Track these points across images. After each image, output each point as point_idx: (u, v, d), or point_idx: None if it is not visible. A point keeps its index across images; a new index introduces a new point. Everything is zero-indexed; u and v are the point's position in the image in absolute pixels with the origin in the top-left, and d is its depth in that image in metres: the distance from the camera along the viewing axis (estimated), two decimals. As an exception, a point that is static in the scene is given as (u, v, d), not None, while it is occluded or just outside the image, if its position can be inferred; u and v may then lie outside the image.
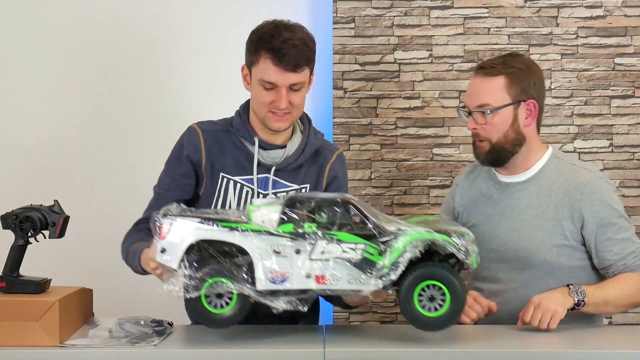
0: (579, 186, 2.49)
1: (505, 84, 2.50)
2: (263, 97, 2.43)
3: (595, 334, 2.34)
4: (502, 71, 2.50)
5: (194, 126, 2.55)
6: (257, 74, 2.43)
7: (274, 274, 2.00)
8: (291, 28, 2.44)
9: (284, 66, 2.38)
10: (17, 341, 2.05)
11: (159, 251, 2.02)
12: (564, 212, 2.49)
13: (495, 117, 2.49)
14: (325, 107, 3.26)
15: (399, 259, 1.98)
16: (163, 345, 2.09)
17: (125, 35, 3.27)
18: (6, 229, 2.20)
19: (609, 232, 2.47)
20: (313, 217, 2.02)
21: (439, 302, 2.01)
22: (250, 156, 2.50)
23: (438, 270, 2.02)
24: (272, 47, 2.39)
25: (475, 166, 2.72)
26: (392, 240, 2.00)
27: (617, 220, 2.48)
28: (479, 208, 2.62)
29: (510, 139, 2.51)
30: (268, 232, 2.01)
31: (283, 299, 2.00)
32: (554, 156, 2.58)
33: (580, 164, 2.60)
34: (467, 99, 2.56)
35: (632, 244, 2.48)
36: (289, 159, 2.50)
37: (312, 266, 2.00)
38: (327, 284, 2.00)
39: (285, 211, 2.02)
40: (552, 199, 2.51)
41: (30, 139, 3.28)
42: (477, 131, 2.53)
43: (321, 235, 2.00)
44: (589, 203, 2.47)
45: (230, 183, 2.49)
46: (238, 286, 1.99)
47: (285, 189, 2.50)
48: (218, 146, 2.51)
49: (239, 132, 2.51)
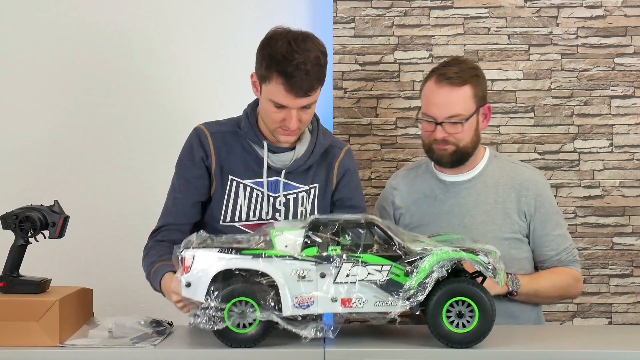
0: (524, 183, 2.63)
1: (471, 93, 2.57)
2: (273, 115, 2.40)
3: (596, 334, 2.34)
4: (467, 80, 2.57)
5: (202, 127, 2.53)
6: (267, 92, 2.39)
7: (299, 299, 2.00)
8: (304, 46, 2.34)
9: (295, 93, 2.35)
10: (17, 341, 2.05)
11: (184, 286, 2.02)
12: (511, 207, 2.61)
13: (466, 125, 2.56)
14: (325, 107, 3.26)
15: (426, 280, 1.98)
16: (163, 345, 2.09)
17: (125, 35, 3.27)
18: (6, 229, 2.20)
19: (547, 227, 2.61)
20: (337, 239, 2.02)
21: (467, 318, 2.01)
22: (259, 159, 2.49)
23: (467, 286, 2.01)
24: (284, 72, 2.32)
25: (410, 169, 2.79)
26: (418, 260, 2.00)
27: (555, 216, 2.64)
28: (424, 208, 2.67)
29: (473, 142, 2.61)
30: (292, 257, 2.00)
31: (311, 326, 2.00)
32: (493, 155, 2.71)
33: (519, 163, 2.74)
34: (435, 109, 2.56)
35: (567, 240, 2.64)
36: (299, 161, 2.49)
37: (338, 289, 2.00)
38: (353, 307, 2.00)
39: (309, 235, 2.02)
40: (499, 195, 2.62)
41: (31, 139, 3.28)
42: (446, 139, 2.57)
43: (346, 258, 2.00)
44: (533, 199, 2.61)
45: (240, 186, 2.48)
46: (265, 314, 1.99)
47: (295, 191, 2.50)
48: (226, 148, 2.50)
49: (248, 135, 2.49)
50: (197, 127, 2.54)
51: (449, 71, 2.57)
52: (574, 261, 2.64)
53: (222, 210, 2.46)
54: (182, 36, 3.28)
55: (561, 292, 2.64)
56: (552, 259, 2.62)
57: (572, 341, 2.27)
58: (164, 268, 2.35)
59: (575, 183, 3.22)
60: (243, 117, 2.53)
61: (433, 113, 2.56)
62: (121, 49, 3.28)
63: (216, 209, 2.47)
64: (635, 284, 3.21)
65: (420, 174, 2.72)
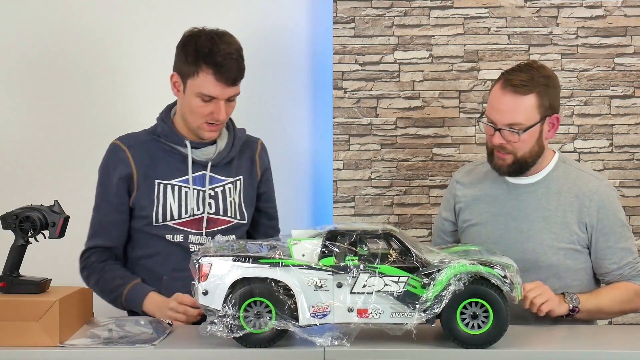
0: (588, 193, 2.54)
1: (536, 103, 2.49)
2: (200, 109, 2.48)
3: (596, 334, 2.34)
4: (533, 89, 2.48)
5: (117, 142, 2.60)
6: (194, 86, 2.47)
7: (316, 308, 2.00)
8: (225, 39, 2.48)
9: (224, 81, 2.45)
10: (17, 341, 2.05)
11: (201, 294, 2.02)
12: (572, 217, 2.53)
13: (525, 135, 2.49)
14: (325, 107, 3.26)
15: (443, 292, 1.97)
16: (163, 345, 2.09)
17: (125, 36, 3.27)
18: (6, 229, 2.19)
19: (610, 240, 2.53)
20: (354, 249, 2.02)
21: (482, 319, 2.00)
22: (183, 157, 2.55)
23: (481, 287, 2.00)
24: (214, 62, 2.44)
25: (476, 165, 2.73)
26: (435, 273, 1.99)
27: (619, 229, 2.55)
28: (482, 207, 2.63)
29: (534, 152, 2.53)
30: (309, 266, 2.01)
31: (327, 335, 2.00)
32: (561, 161, 2.62)
33: (588, 171, 2.64)
34: (496, 115, 2.51)
35: (631, 254, 2.55)
36: (222, 153, 2.58)
37: (354, 300, 2.00)
38: (369, 317, 2.00)
39: (326, 244, 2.02)
40: (561, 203, 2.55)
41: (31, 139, 3.28)
42: (504, 145, 2.51)
43: (363, 269, 2.00)
44: (596, 210, 2.52)
45: (167, 188, 2.54)
46: (283, 322, 1.99)
47: (221, 183, 2.57)
48: (148, 155, 2.56)
49: (168, 138, 2.56)
50: (113, 142, 2.61)
51: (516, 78, 2.49)
52: (637, 276, 2.55)
53: (153, 213, 2.52)
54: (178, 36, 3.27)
55: (622, 306, 2.54)
56: (613, 272, 2.53)
57: (572, 341, 2.27)
58: (140, 287, 2.48)
59: (575, 183, 3.22)
60: (159, 122, 2.60)
61: (494, 118, 2.51)
62: (125, 49, 3.28)
63: (146, 212, 2.53)
64: (635, 284, 3.20)
65: (485, 171, 2.66)
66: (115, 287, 2.51)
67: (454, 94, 3.25)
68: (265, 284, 2.00)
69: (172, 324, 2.30)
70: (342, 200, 3.24)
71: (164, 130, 2.57)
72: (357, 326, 2.02)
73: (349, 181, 3.24)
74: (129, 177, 2.54)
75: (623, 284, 2.53)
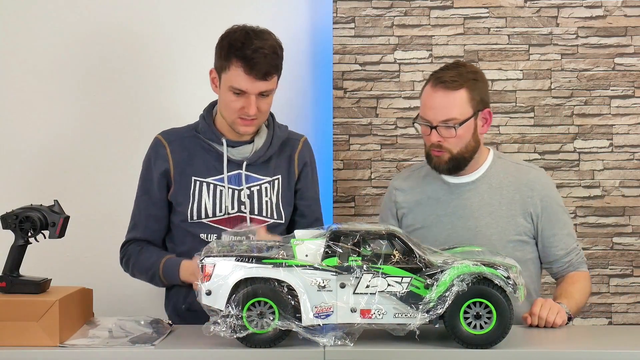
0: (529, 183, 2.60)
1: (467, 97, 2.54)
2: (232, 103, 2.49)
3: (596, 334, 2.34)
4: (463, 84, 2.54)
5: (159, 137, 2.62)
6: (227, 80, 2.48)
7: (319, 308, 2.00)
8: (261, 35, 2.49)
9: (254, 75, 2.44)
10: (17, 341, 2.05)
11: (204, 294, 2.02)
12: (516, 208, 2.59)
13: (460, 130, 2.53)
14: (325, 107, 3.26)
15: (446, 293, 1.98)
16: (163, 345, 2.09)
17: (126, 36, 3.27)
18: (6, 229, 2.20)
19: (555, 227, 2.59)
20: (358, 250, 2.02)
21: (485, 319, 2.00)
22: (219, 156, 2.55)
23: (485, 288, 2.00)
24: (243, 55, 2.44)
25: (413, 170, 2.77)
26: (438, 273, 2.00)
27: (562, 216, 2.62)
28: (426, 210, 2.65)
29: (470, 147, 2.57)
30: (312, 266, 2.01)
31: (330, 335, 2.00)
32: (497, 156, 2.68)
33: (523, 163, 2.72)
34: (429, 113, 2.55)
35: (574, 239, 2.63)
36: (259, 152, 2.56)
37: (357, 300, 2.00)
38: (372, 318, 2.00)
39: (330, 244, 2.02)
40: (504, 197, 2.60)
41: (31, 139, 3.28)
42: (441, 143, 2.55)
43: (366, 269, 2.00)
44: (539, 199, 2.59)
45: (203, 185, 2.54)
46: (286, 323, 1.99)
47: (258, 183, 2.55)
48: (186, 152, 2.57)
49: (206, 135, 2.57)
50: (156, 137, 2.63)
51: (445, 75, 2.55)
52: (582, 262, 2.61)
53: (188, 210, 2.53)
54: (179, 37, 3.28)
55: (587, 296, 2.59)
56: (561, 259, 2.59)
57: (572, 341, 2.27)
58: (175, 260, 2.49)
59: (575, 183, 3.22)
60: (200, 120, 2.61)
61: (428, 117, 2.55)
62: (121, 51, 3.28)
63: (182, 210, 2.54)
64: (635, 284, 3.21)
65: (423, 175, 2.69)
66: (151, 264, 2.52)
67: (454, 94, 3.25)
68: (269, 284, 2.00)
69: (172, 324, 2.30)
70: (342, 200, 3.24)
71: (204, 127, 2.58)
72: (360, 326, 2.01)
73: (349, 181, 3.24)
74: (167, 173, 2.56)
75: (577, 275, 2.58)
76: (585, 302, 2.59)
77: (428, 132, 2.55)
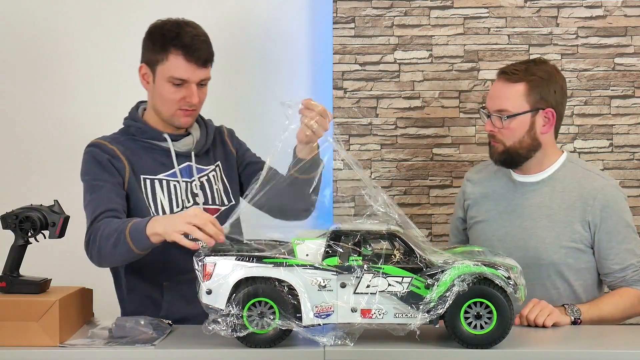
0: (592, 192, 2.54)
1: (525, 91, 2.53)
2: (172, 94, 2.46)
3: (596, 334, 2.34)
4: (523, 78, 2.53)
5: (99, 141, 2.51)
6: (165, 71, 2.45)
7: (319, 308, 2.00)
8: (192, 24, 2.48)
9: (195, 62, 2.43)
10: (17, 341, 2.05)
11: (204, 293, 2.02)
12: (575, 216, 2.54)
13: (512, 123, 2.52)
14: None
15: (447, 293, 1.97)
16: (163, 345, 2.09)
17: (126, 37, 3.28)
18: (6, 229, 2.20)
19: (613, 240, 2.52)
20: (358, 250, 2.02)
21: (485, 319, 2.00)
22: (165, 151, 2.52)
23: (485, 288, 2.00)
24: (182, 43, 2.42)
25: (487, 164, 2.75)
26: (439, 273, 1.99)
27: (623, 229, 2.53)
28: (489, 204, 2.65)
29: (526, 144, 2.55)
30: (313, 266, 2.01)
31: (330, 334, 2.00)
32: (569, 160, 2.63)
33: (595, 171, 2.65)
34: (488, 102, 2.59)
35: (635, 256, 2.53)
36: (201, 141, 2.56)
37: (358, 300, 2.00)
38: (373, 317, 2.00)
39: (330, 244, 2.02)
40: (565, 202, 2.55)
41: (31, 139, 3.28)
42: (494, 133, 2.56)
43: (367, 269, 2.00)
44: (599, 209, 2.52)
45: (155, 183, 2.49)
46: (286, 322, 1.99)
47: (205, 172, 2.55)
48: (130, 151, 2.50)
49: (145, 134, 2.52)
50: (93, 142, 2.52)
51: (510, 67, 2.58)
52: (639, 281, 2.53)
53: (145, 212, 2.45)
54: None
55: (625, 313, 2.52)
56: (616, 273, 2.52)
57: (573, 341, 2.27)
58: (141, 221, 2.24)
59: (576, 183, 3.22)
60: (129, 122, 2.55)
61: (487, 105, 2.59)
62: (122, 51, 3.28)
63: (140, 209, 2.46)
64: (635, 284, 3.20)
65: (495, 169, 2.68)
66: (117, 227, 2.27)
67: (454, 94, 3.25)
68: (269, 284, 2.00)
69: (172, 324, 2.29)
70: (342, 200, 3.24)
71: (139, 127, 2.52)
72: (360, 326, 2.01)
73: (349, 181, 3.24)
74: (121, 170, 2.45)
75: (624, 290, 2.52)
76: (619, 317, 2.51)
77: (485, 120, 2.58)
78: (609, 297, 2.53)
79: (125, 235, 2.23)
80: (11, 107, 3.29)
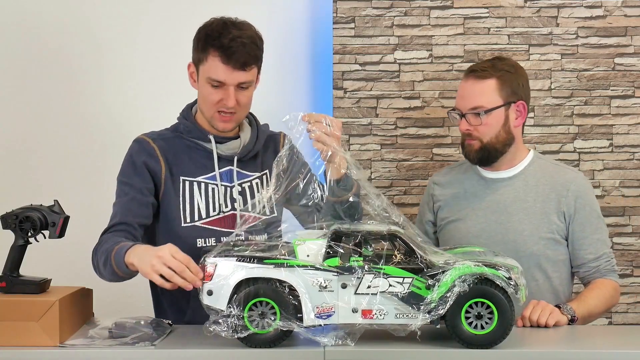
0: (566, 184, 2.61)
1: (497, 86, 2.58)
2: (211, 96, 2.41)
3: (596, 334, 2.34)
4: (493, 74, 2.59)
5: (143, 137, 2.50)
6: (204, 71, 2.41)
7: (320, 308, 2.00)
8: (240, 26, 2.42)
9: (232, 64, 2.37)
10: (17, 341, 2.05)
11: (205, 294, 2.02)
12: (551, 207, 2.60)
13: (489, 118, 2.57)
14: (325, 107, 3.26)
15: (447, 294, 1.97)
16: (163, 345, 2.09)
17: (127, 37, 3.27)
18: (6, 229, 2.20)
19: (586, 230, 2.59)
20: (359, 250, 2.02)
21: (486, 320, 2.00)
22: (208, 153, 2.48)
23: (486, 288, 2.00)
24: (220, 45, 2.37)
25: (453, 167, 2.81)
26: (440, 274, 1.99)
27: (595, 220, 2.61)
28: (463, 204, 2.69)
29: (502, 139, 2.60)
30: (314, 266, 2.01)
31: (331, 335, 2.00)
32: (537, 157, 2.70)
33: (563, 165, 2.74)
34: (460, 102, 2.63)
35: (606, 246, 2.61)
36: (248, 147, 2.51)
37: (359, 300, 2.00)
38: (374, 318, 2.00)
39: (331, 245, 2.02)
40: (539, 194, 2.62)
41: (31, 139, 3.28)
42: (470, 132, 2.60)
43: (367, 269, 2.00)
44: (573, 199, 2.59)
45: (194, 185, 2.46)
46: (287, 323, 1.99)
47: (248, 179, 2.50)
48: (172, 151, 2.47)
49: (191, 134, 2.49)
50: (137, 137, 2.51)
51: (477, 66, 2.64)
52: (612, 271, 2.60)
53: (180, 213, 2.43)
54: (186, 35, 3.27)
55: (607, 304, 2.57)
56: (590, 263, 2.58)
57: (572, 341, 2.27)
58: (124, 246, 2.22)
59: (575, 183, 3.22)
60: (180, 119, 2.53)
61: (459, 105, 2.62)
62: (121, 51, 3.28)
63: (173, 213, 2.43)
64: (635, 284, 3.21)
65: (462, 171, 2.74)
66: (109, 246, 2.27)
67: (454, 94, 3.23)
68: (270, 285, 2.00)
69: (172, 324, 2.29)
70: (342, 200, 3.24)
71: (187, 126, 2.49)
72: (361, 327, 2.01)
73: (349, 181, 3.24)
74: (156, 171, 2.44)
75: (601, 282, 2.57)
76: (603, 309, 2.56)
77: (458, 120, 2.61)
78: (590, 291, 2.56)
79: (111, 257, 2.25)
80: (11, 107, 3.29)
